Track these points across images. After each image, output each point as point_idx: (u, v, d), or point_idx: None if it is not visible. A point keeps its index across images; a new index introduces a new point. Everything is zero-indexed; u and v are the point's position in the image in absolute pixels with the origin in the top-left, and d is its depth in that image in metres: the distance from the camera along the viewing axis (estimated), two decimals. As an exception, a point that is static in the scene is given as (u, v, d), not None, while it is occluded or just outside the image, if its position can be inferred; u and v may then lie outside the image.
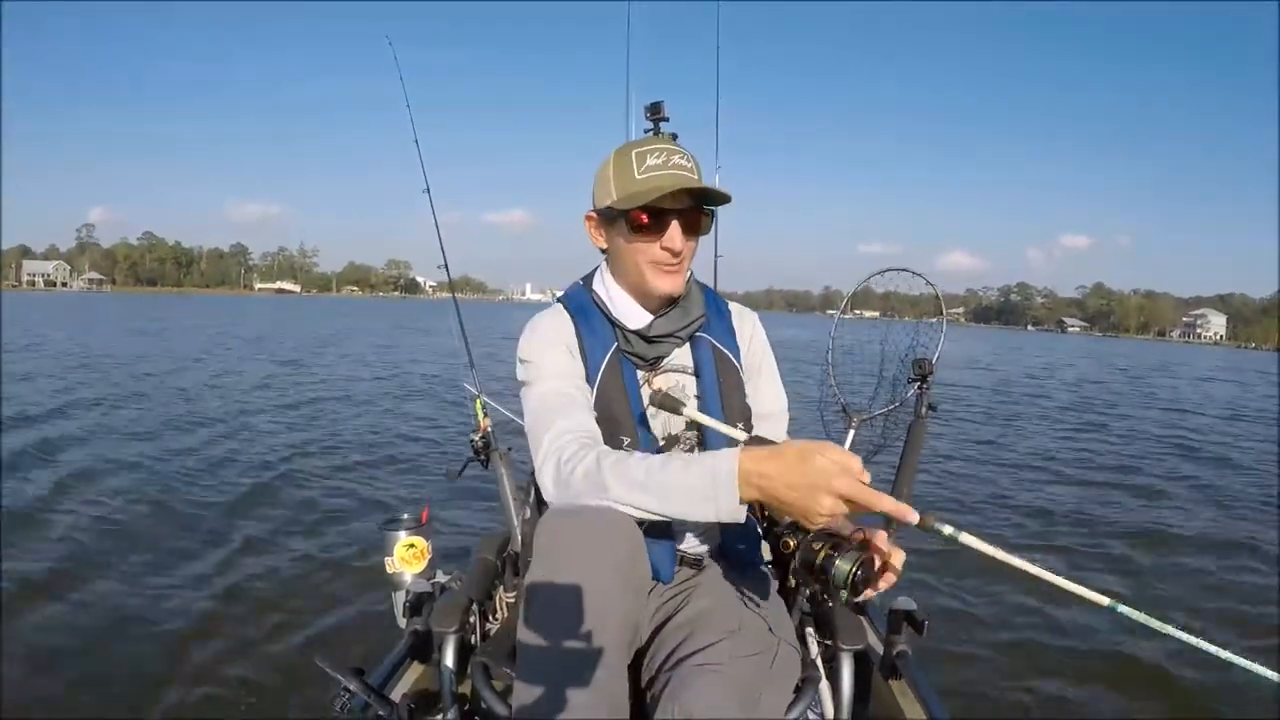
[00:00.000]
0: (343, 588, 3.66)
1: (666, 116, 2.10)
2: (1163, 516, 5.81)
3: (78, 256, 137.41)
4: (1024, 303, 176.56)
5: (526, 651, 1.00)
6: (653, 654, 1.17)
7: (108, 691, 2.73)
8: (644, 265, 1.25)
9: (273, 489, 5.46)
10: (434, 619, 1.39)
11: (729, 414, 1.30)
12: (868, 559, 1.01)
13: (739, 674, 1.06)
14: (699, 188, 1.21)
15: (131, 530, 4.49)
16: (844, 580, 0.99)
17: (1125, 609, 0.86)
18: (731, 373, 1.35)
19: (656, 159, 1.21)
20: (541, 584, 1.01)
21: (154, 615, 3.33)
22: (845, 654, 1.30)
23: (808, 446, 0.95)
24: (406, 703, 1.33)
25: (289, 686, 2.77)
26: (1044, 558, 4.35)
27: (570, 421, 1.19)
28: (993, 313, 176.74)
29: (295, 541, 4.34)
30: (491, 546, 1.69)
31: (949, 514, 5.55)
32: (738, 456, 0.99)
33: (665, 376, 1.33)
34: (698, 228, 1.26)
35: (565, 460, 1.12)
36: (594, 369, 1.28)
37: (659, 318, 1.30)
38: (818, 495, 0.92)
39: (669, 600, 1.26)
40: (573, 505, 1.08)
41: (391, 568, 1.81)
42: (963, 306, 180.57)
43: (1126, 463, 8.07)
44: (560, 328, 1.32)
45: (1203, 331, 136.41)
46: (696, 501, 1.01)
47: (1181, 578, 4.45)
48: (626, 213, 1.21)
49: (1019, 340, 65.00)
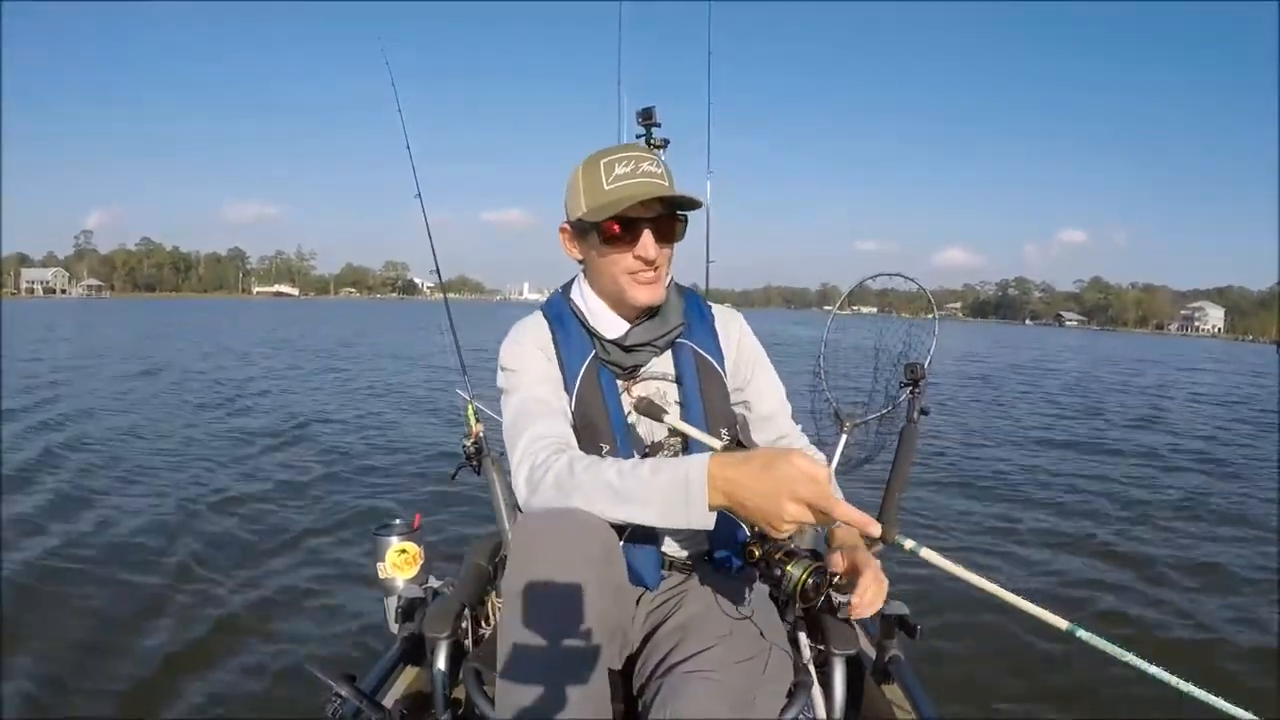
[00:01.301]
0: (334, 593, 3.65)
1: (658, 122, 2.10)
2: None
3: (76, 263, 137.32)
4: (1022, 297, 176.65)
5: (505, 653, 1.01)
6: (644, 661, 1.17)
7: (99, 699, 2.72)
8: (620, 276, 1.24)
9: (266, 492, 5.46)
10: (426, 624, 1.39)
11: (712, 420, 1.30)
12: (820, 567, 1.03)
13: (731, 680, 1.06)
14: (670, 195, 1.20)
15: (117, 532, 4.49)
16: (794, 587, 1.02)
17: (1084, 634, 0.85)
18: (714, 378, 1.34)
19: (625, 167, 1.20)
20: (516, 584, 1.01)
21: (144, 621, 3.32)
22: (837, 658, 1.30)
23: (775, 454, 0.95)
24: (399, 708, 1.33)
25: (280, 692, 2.77)
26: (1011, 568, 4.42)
27: (545, 427, 1.19)
28: (990, 307, 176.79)
29: (286, 547, 4.33)
30: (483, 551, 1.69)
31: (940, 509, 5.61)
32: (707, 462, 1.00)
33: (645, 385, 1.33)
34: (671, 235, 1.25)
35: (538, 465, 1.12)
36: (571, 377, 1.28)
37: (635, 326, 1.30)
38: (782, 502, 0.92)
39: (659, 606, 1.26)
40: (547, 508, 1.09)
41: (383, 573, 1.80)
42: (960, 301, 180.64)
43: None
44: (539, 336, 1.32)
45: (1200, 324, 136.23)
46: (666, 506, 1.02)
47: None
48: (598, 224, 1.20)
49: (1014, 335, 64.94)
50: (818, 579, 1.03)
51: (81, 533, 4.44)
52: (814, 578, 1.02)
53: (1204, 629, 3.66)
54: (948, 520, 5.33)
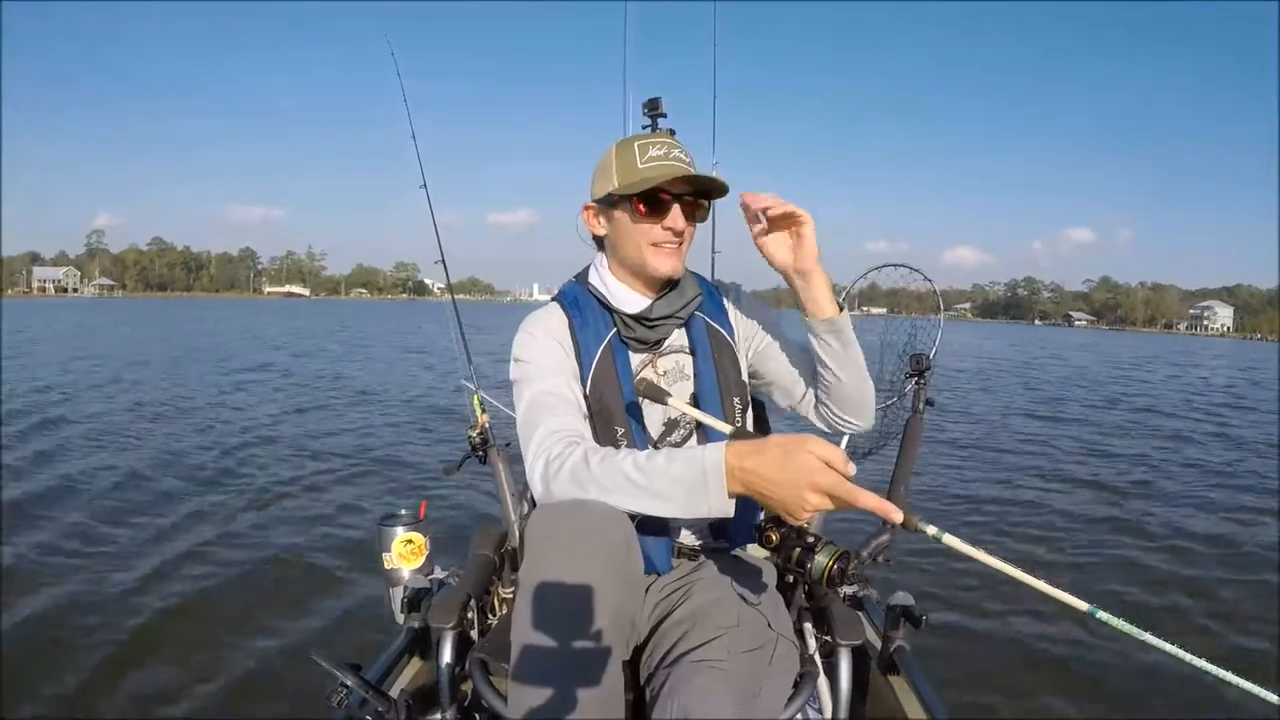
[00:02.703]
0: (340, 584, 3.69)
1: (664, 112, 2.10)
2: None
3: (88, 262, 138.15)
4: (1031, 297, 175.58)
5: (520, 646, 1.00)
6: (651, 651, 1.18)
7: (107, 689, 2.74)
8: (645, 246, 1.28)
9: (270, 484, 5.52)
10: (432, 615, 1.39)
11: (725, 390, 1.34)
12: (845, 553, 1.03)
13: (737, 670, 1.06)
14: (699, 178, 1.26)
15: (129, 517, 4.57)
16: (821, 575, 1.03)
17: (1104, 615, 0.86)
18: (726, 349, 1.38)
19: (658, 150, 1.27)
20: (534, 578, 1.01)
21: (152, 608, 3.36)
22: (843, 649, 1.30)
23: (792, 441, 0.96)
24: (404, 699, 1.33)
25: (286, 682, 2.79)
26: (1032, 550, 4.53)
27: (560, 420, 1.20)
28: (999, 307, 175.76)
29: (293, 537, 4.37)
30: (489, 542, 1.69)
31: (948, 499, 5.64)
32: (724, 452, 1.00)
33: (666, 359, 1.36)
34: (695, 214, 1.30)
35: (554, 458, 1.12)
36: (588, 360, 1.30)
37: (658, 300, 1.33)
38: (801, 490, 0.93)
39: (667, 596, 1.26)
40: (563, 500, 1.09)
41: (389, 564, 1.81)
42: (969, 301, 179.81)
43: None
44: (554, 326, 1.33)
45: (1209, 323, 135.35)
46: (684, 497, 1.02)
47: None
48: (630, 197, 1.25)
49: (1025, 334, 64.79)
50: (843, 564, 1.03)
51: (82, 525, 4.49)
52: (839, 563, 1.03)
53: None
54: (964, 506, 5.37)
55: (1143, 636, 0.84)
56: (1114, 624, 0.85)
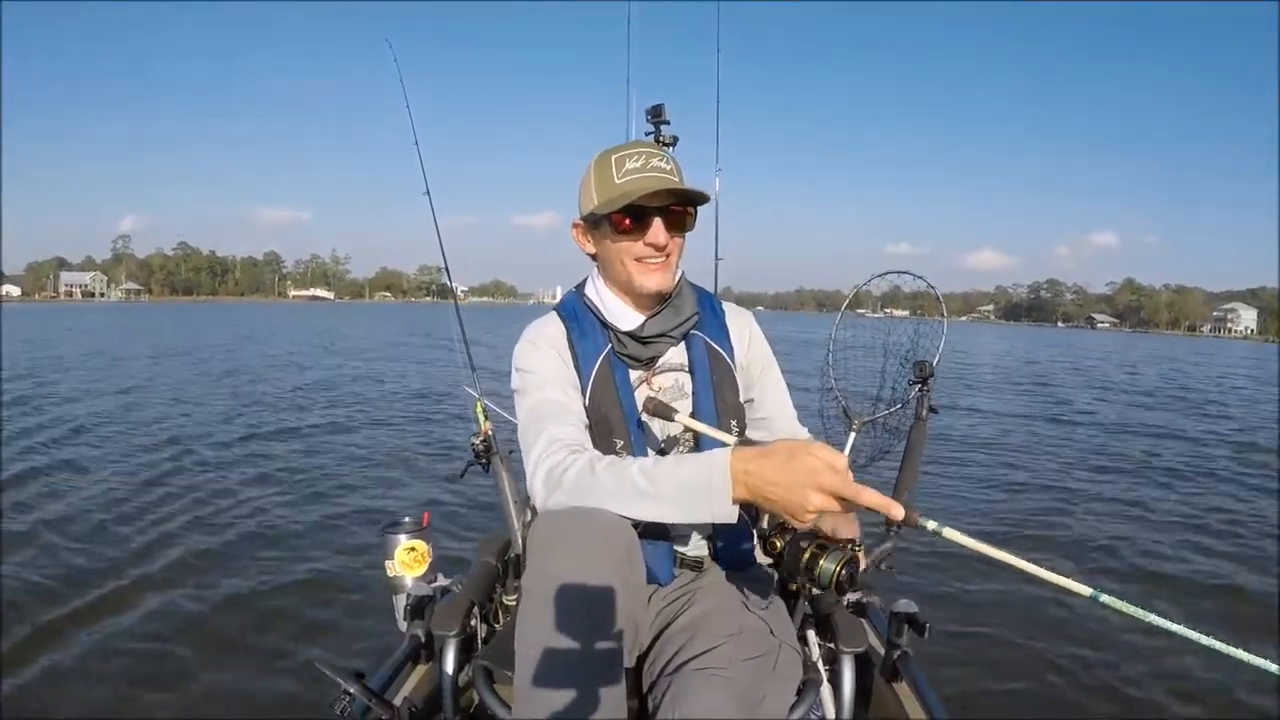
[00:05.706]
0: (343, 591, 3.68)
1: (667, 119, 2.10)
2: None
3: (114, 267, 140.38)
4: (1054, 299, 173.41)
5: (525, 652, 1.00)
6: (654, 658, 1.17)
7: (105, 696, 2.75)
8: (630, 263, 1.27)
9: (275, 490, 5.54)
10: (435, 622, 1.40)
11: (722, 410, 1.33)
12: (853, 558, 1.02)
13: (740, 678, 1.06)
14: (678, 188, 1.23)
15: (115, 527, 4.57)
16: (829, 579, 1.02)
17: (1107, 598, 0.85)
18: (724, 370, 1.37)
19: (635, 162, 1.24)
20: (537, 584, 1.01)
21: (155, 616, 3.37)
22: (846, 656, 1.30)
23: (795, 445, 0.96)
24: (408, 706, 1.33)
25: (289, 689, 2.79)
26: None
27: (561, 429, 1.20)
28: (1022, 309, 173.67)
29: (296, 545, 4.37)
30: (492, 550, 1.70)
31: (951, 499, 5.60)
32: (729, 456, 1.00)
33: (662, 376, 1.34)
34: (681, 225, 1.28)
35: (557, 465, 1.12)
36: (586, 373, 1.30)
37: (651, 318, 1.32)
38: (806, 493, 0.93)
39: (670, 604, 1.26)
40: (567, 507, 1.09)
41: (392, 571, 1.81)
42: (993, 304, 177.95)
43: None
44: (553, 335, 1.33)
45: (1233, 326, 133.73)
46: (689, 503, 1.02)
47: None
48: (610, 215, 1.23)
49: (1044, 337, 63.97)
50: (852, 569, 1.03)
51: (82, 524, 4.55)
52: (847, 569, 1.02)
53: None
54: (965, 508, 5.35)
55: (1147, 618, 0.83)
56: (1117, 606, 0.84)
